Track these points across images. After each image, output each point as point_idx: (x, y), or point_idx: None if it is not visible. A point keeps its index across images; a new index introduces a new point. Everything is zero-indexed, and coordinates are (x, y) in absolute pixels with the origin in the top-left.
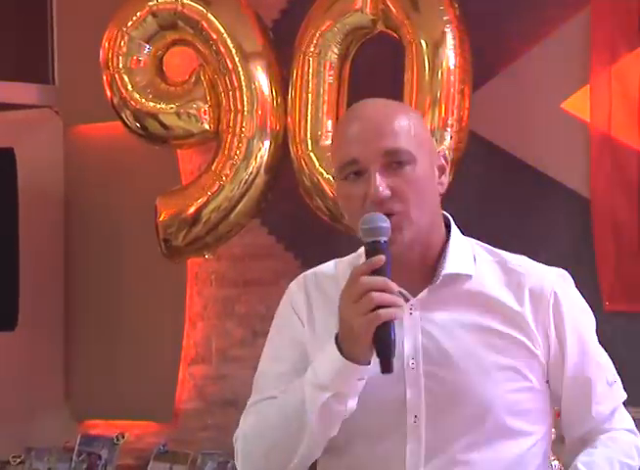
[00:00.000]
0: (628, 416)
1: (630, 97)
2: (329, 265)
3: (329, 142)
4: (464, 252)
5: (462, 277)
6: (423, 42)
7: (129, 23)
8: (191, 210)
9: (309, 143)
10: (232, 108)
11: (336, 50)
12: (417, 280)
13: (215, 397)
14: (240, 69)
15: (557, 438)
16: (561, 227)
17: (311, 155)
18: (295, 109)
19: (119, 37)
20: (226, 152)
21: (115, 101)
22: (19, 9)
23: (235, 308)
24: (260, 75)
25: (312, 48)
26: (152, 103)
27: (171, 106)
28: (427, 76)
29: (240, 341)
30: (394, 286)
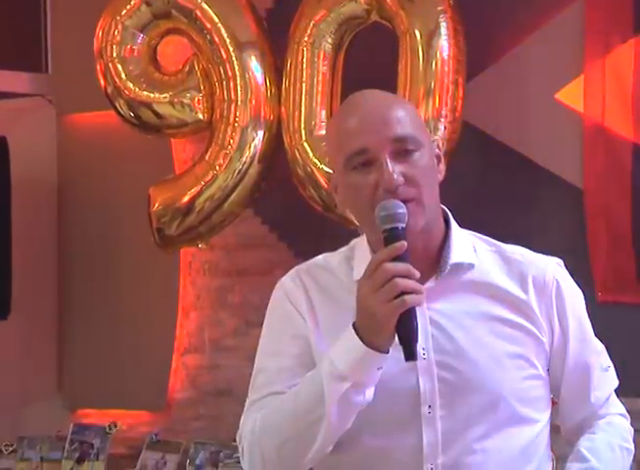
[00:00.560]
0: (619, 401)
1: (624, 88)
2: (318, 259)
3: (323, 132)
4: (464, 242)
5: (465, 267)
6: (417, 32)
7: (123, 12)
8: (184, 199)
9: (303, 133)
10: (226, 97)
11: (330, 40)
12: (421, 270)
13: (208, 386)
14: (234, 58)
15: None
16: (554, 218)
17: (305, 145)
18: (288, 99)
19: (113, 26)
20: (220, 141)
21: (109, 90)
22: None
23: (228, 298)
24: (254, 65)
25: (306, 38)
26: (145, 92)
27: (165, 95)
28: (421, 66)
29: (233, 331)
30: (416, 272)
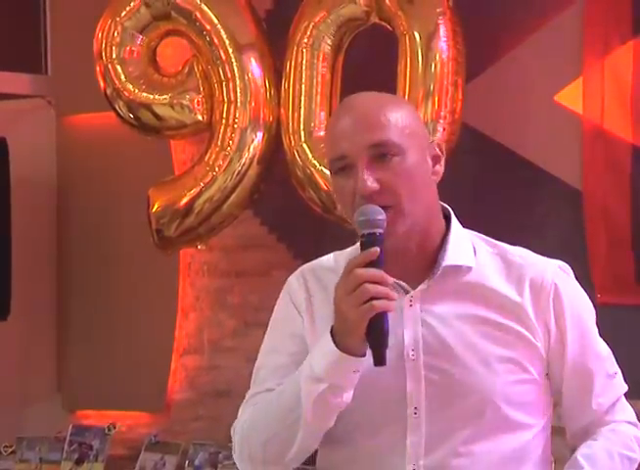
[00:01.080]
0: (630, 408)
1: (623, 89)
2: (328, 258)
3: (322, 133)
4: (464, 243)
5: (463, 269)
6: (416, 34)
7: (123, 14)
8: (183, 200)
9: (302, 134)
10: (225, 99)
11: (329, 41)
12: (417, 272)
13: (207, 387)
14: (233, 60)
15: (554, 430)
16: (553, 219)
17: (304, 146)
18: (288, 100)
19: (113, 27)
20: (219, 143)
21: (109, 91)
22: None
23: (227, 299)
24: (254, 67)
25: (306, 39)
26: (145, 93)
27: (164, 96)
28: (420, 68)
29: (232, 332)
30: (389, 278)
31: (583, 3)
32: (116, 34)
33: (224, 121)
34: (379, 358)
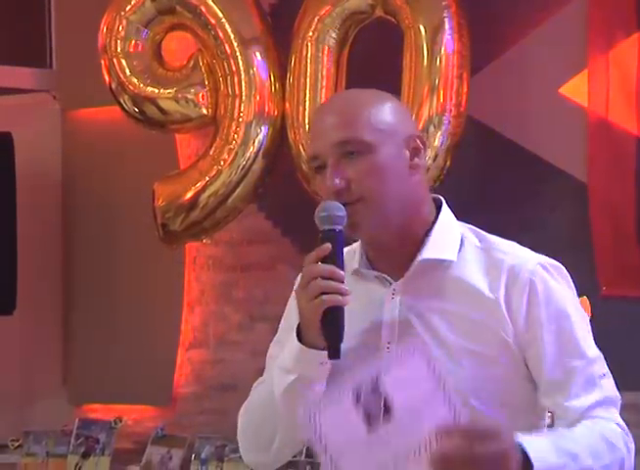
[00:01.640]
0: (615, 414)
1: (628, 82)
2: None
3: None
4: (450, 237)
5: (443, 263)
6: (421, 27)
7: (127, 8)
8: (188, 195)
9: (307, 128)
10: (230, 93)
11: (334, 35)
12: (401, 265)
13: (213, 381)
14: (238, 54)
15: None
16: (558, 212)
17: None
18: (293, 94)
19: (118, 21)
20: (224, 137)
21: (113, 85)
22: None
23: (232, 293)
24: (259, 61)
25: (311, 33)
26: (150, 87)
27: (169, 90)
28: (425, 62)
29: (237, 325)
30: (341, 274)
31: None
32: (121, 28)
33: (229, 115)
34: (332, 352)
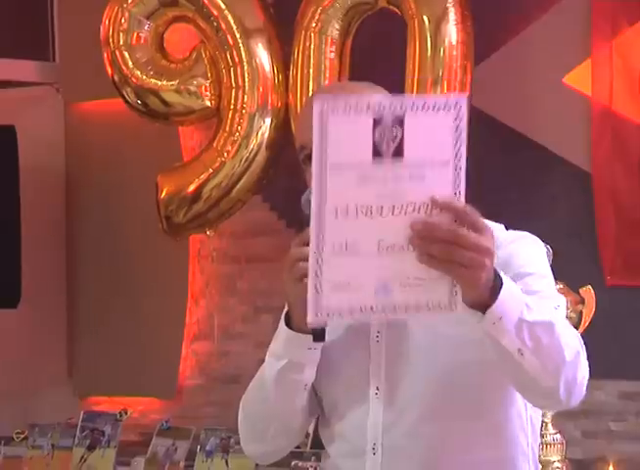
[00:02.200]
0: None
1: (631, 71)
2: None
3: None
4: None
5: None
6: (425, 18)
7: (130, 0)
8: (191, 188)
9: None
10: (233, 84)
11: (337, 26)
12: None
13: (218, 373)
14: (241, 45)
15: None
16: (562, 201)
17: None
18: (296, 85)
19: (120, 14)
20: (227, 128)
21: (116, 78)
22: None
23: (237, 285)
24: (261, 52)
25: (314, 24)
26: (152, 80)
27: (172, 82)
28: (429, 52)
29: (242, 317)
30: None
31: None
32: (124, 21)
33: (232, 107)
34: (316, 335)
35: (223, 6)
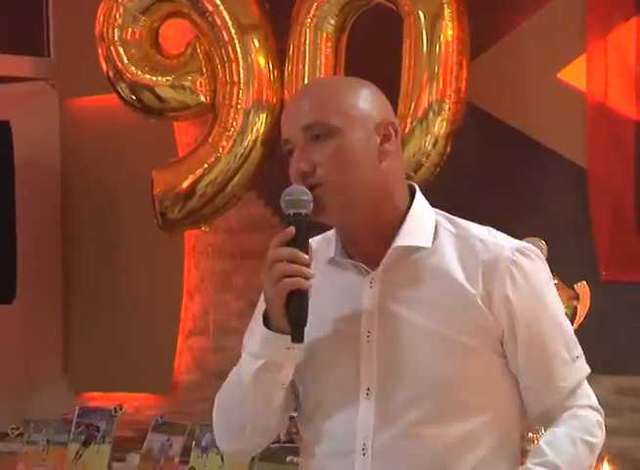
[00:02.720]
0: (591, 392)
1: (627, 66)
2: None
3: None
4: (425, 223)
5: (420, 250)
6: (421, 14)
7: None
8: (185, 183)
9: None
10: (228, 80)
11: (332, 21)
12: (376, 253)
13: (213, 368)
14: (236, 41)
15: None
16: (557, 197)
17: None
18: (291, 81)
19: (114, 9)
20: (222, 124)
21: (111, 73)
22: None
23: (232, 281)
24: (257, 48)
25: (309, 20)
26: (147, 75)
27: (167, 78)
28: (425, 48)
29: (237, 313)
30: (305, 257)
31: None
32: (118, 16)
33: (227, 103)
34: (295, 336)
35: (218, 1)
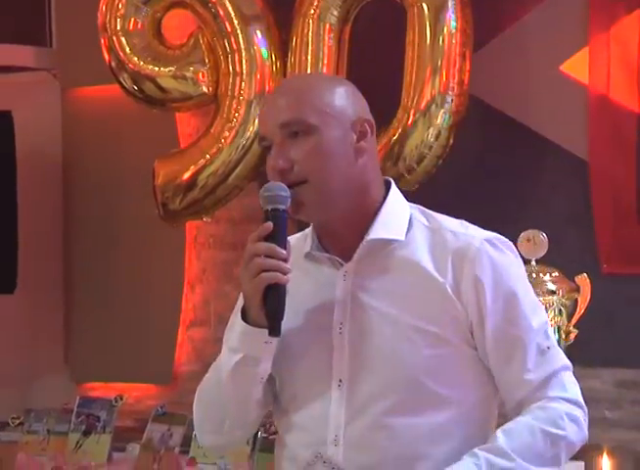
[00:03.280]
0: (570, 384)
1: (629, 59)
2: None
3: None
4: (398, 217)
5: (392, 243)
6: (424, 5)
7: None
8: (186, 175)
9: None
10: (231, 71)
11: (336, 13)
12: (350, 247)
13: (214, 359)
14: (239, 32)
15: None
16: (559, 190)
17: None
18: (294, 72)
19: None
20: (225, 115)
21: (113, 64)
22: None
23: (233, 272)
24: (259, 39)
25: (312, 11)
26: (150, 66)
27: (169, 69)
28: (428, 40)
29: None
30: (282, 252)
31: None
32: (121, 6)
33: (230, 94)
34: (272, 329)
35: None
